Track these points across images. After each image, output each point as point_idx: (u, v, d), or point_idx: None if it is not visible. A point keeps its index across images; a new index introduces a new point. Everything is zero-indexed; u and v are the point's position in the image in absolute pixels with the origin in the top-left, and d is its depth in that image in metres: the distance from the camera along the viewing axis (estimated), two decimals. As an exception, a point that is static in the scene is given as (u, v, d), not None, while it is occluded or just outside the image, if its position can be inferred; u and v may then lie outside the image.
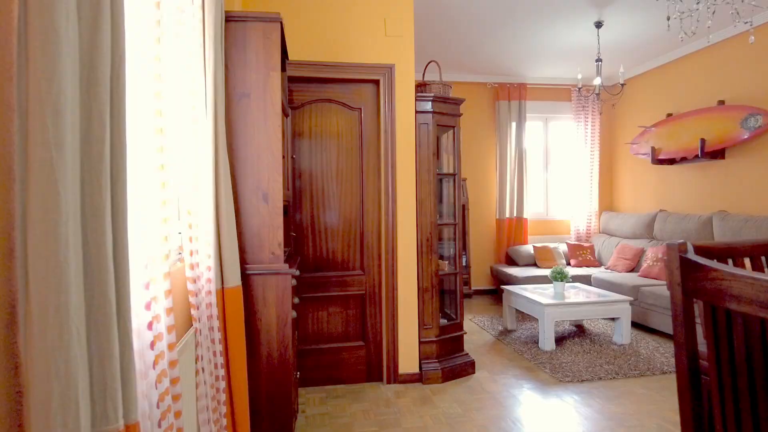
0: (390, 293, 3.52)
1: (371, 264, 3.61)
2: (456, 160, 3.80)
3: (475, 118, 6.88)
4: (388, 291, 3.52)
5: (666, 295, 4.52)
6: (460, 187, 3.82)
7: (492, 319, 5.42)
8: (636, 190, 6.68)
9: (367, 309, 3.60)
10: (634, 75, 6.53)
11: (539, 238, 7.02)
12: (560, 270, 4.65)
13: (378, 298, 3.61)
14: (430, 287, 3.61)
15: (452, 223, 3.85)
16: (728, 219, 4.92)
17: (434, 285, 3.62)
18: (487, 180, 6.95)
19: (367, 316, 3.60)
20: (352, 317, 3.59)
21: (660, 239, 5.86)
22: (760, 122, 4.65)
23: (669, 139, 5.76)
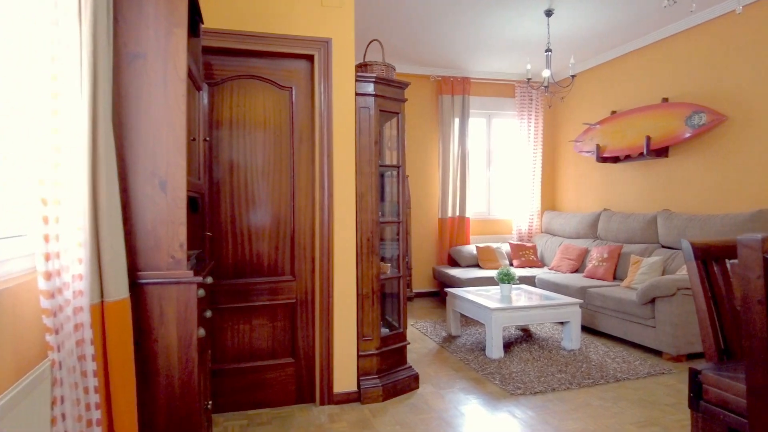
0: (325, 301, 3.06)
1: (303, 268, 3.13)
2: (400, 151, 3.40)
3: (418, 111, 6.55)
4: (323, 299, 3.06)
5: (615, 297, 4.36)
6: (405, 180, 3.42)
7: (435, 325, 5.08)
8: (579, 188, 6.60)
9: (298, 320, 3.12)
10: (580, 71, 6.44)
11: (482, 238, 6.80)
12: (507, 271, 4.38)
13: (311, 307, 3.14)
14: (370, 293, 3.18)
15: (396, 221, 3.45)
16: (672, 218, 4.86)
17: (375, 291, 3.20)
18: (430, 177, 6.64)
19: (298, 328, 3.12)
20: (280, 330, 3.10)
21: (604, 239, 5.77)
22: (703, 120, 4.60)
23: (614, 137, 5.68)
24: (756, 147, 4.29)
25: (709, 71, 4.70)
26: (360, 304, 3.16)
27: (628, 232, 5.37)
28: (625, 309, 4.24)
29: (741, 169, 4.42)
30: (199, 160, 2.58)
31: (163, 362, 1.92)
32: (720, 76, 4.60)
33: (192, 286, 1.92)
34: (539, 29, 5.04)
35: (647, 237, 5.15)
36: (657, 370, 3.65)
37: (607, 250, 5.32)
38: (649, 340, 4.05)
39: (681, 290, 3.83)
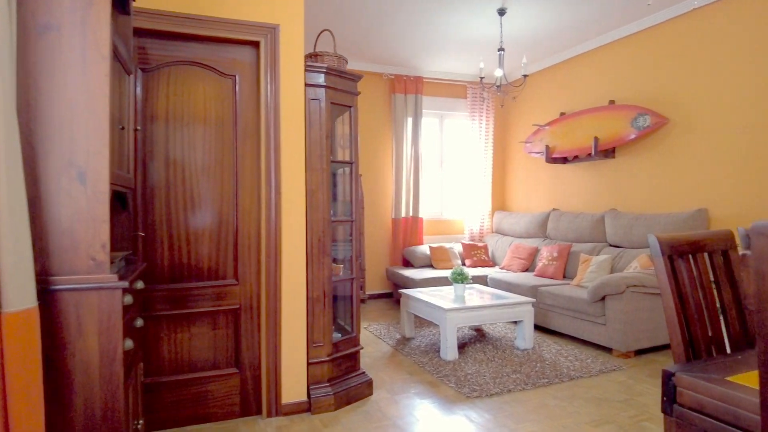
0: (272, 306, 2.86)
1: (248, 271, 2.91)
2: (353, 147, 3.24)
3: (371, 110, 6.42)
4: (270, 303, 2.86)
5: (566, 296, 4.38)
6: (358, 178, 3.27)
7: (389, 327, 4.95)
8: (529, 189, 6.68)
9: (243, 327, 2.90)
10: (530, 73, 6.51)
11: (435, 238, 6.75)
12: (460, 271, 4.32)
13: (257, 312, 2.93)
14: (321, 297, 3.01)
15: (348, 220, 3.29)
16: (619, 217, 4.96)
17: (327, 294, 3.03)
18: (383, 177, 6.52)
19: (243, 335, 2.90)
20: (222, 338, 2.87)
21: (553, 238, 5.84)
22: (648, 122, 4.72)
23: (562, 138, 5.77)
24: (696, 149, 4.43)
25: (653, 75, 4.83)
26: (310, 309, 2.98)
27: (576, 232, 5.45)
28: (577, 307, 4.27)
29: (682, 169, 4.56)
30: (129, 152, 2.33)
31: (81, 380, 1.67)
32: (662, 79, 4.74)
33: (116, 292, 1.69)
34: (492, 29, 5.03)
35: (595, 236, 5.24)
36: (608, 367, 3.67)
37: (557, 249, 5.37)
38: (600, 338, 4.08)
39: (630, 288, 3.89)
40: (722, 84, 4.21)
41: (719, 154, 4.24)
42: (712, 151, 4.30)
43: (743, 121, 4.06)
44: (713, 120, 4.29)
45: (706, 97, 4.34)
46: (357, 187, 3.22)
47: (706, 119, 4.35)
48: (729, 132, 4.17)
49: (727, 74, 4.18)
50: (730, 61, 4.15)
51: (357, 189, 3.23)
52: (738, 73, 4.10)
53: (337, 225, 3.37)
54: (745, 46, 4.05)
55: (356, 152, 3.25)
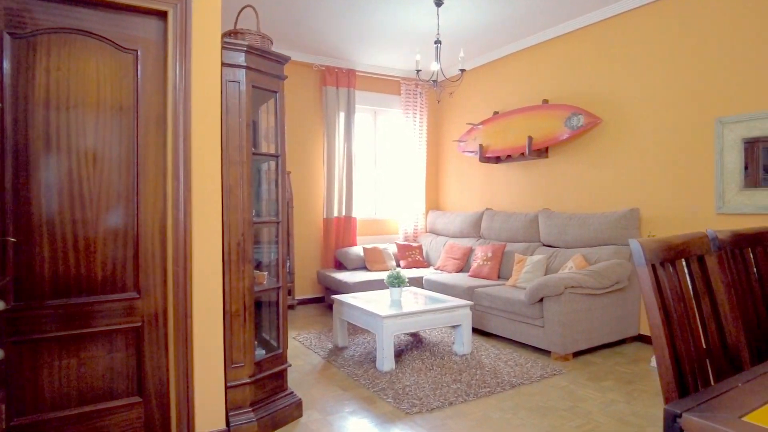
0: (181, 323, 2.44)
1: (152, 282, 2.47)
2: (279, 138, 2.88)
3: (300, 103, 6.03)
4: (179, 319, 2.43)
5: (503, 297, 4.26)
6: (285, 173, 2.90)
7: (320, 336, 4.61)
8: (462, 188, 6.58)
9: (147, 348, 2.45)
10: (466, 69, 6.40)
11: (369, 238, 6.47)
12: (397, 274, 4.07)
13: (163, 330, 2.49)
14: (242, 310, 2.62)
15: (274, 221, 2.92)
16: (553, 217, 4.93)
17: (248, 306, 2.65)
18: (314, 174, 6.15)
19: (147, 357, 2.45)
20: (121, 362, 2.41)
21: (487, 238, 5.76)
22: (582, 122, 4.72)
23: (496, 137, 5.69)
24: (628, 149, 4.47)
25: (587, 75, 4.84)
26: (228, 324, 2.58)
27: (510, 231, 5.39)
28: (514, 309, 4.15)
29: (615, 170, 4.59)
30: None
31: None
32: (596, 80, 4.75)
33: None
34: (428, 21, 4.83)
35: (529, 236, 5.20)
36: (548, 371, 3.57)
37: (491, 249, 5.28)
38: (538, 340, 3.99)
39: (569, 289, 3.81)
40: (653, 85, 4.26)
41: (650, 155, 4.29)
42: (643, 151, 4.35)
43: (672, 122, 4.13)
44: (644, 121, 4.34)
45: (638, 98, 4.39)
46: (284, 184, 2.86)
47: (637, 120, 4.40)
48: (659, 133, 4.22)
49: (657, 76, 4.23)
50: (661, 63, 4.21)
51: (284, 186, 2.86)
52: (667, 75, 4.16)
53: (260, 227, 2.99)
54: (673, 49, 4.11)
55: (283, 144, 2.88)
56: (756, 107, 3.62)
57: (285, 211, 2.88)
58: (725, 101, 3.79)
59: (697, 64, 3.95)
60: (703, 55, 3.92)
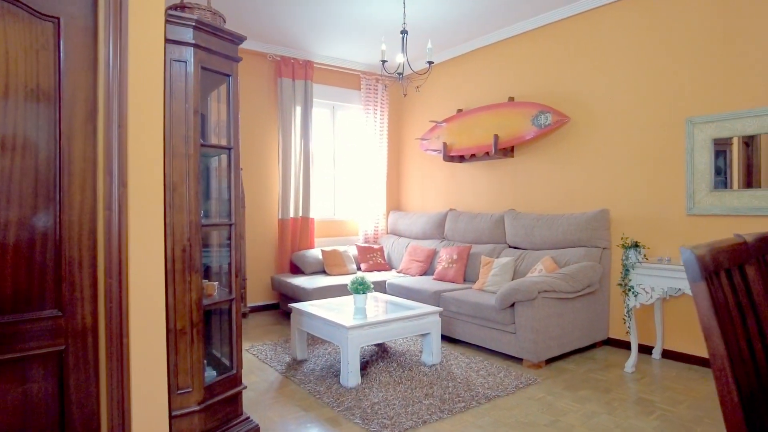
0: (116, 344, 2.05)
1: (79, 297, 2.06)
2: (232, 127, 2.52)
3: (254, 95, 5.62)
4: (113, 341, 2.04)
5: (472, 302, 4.06)
6: (238, 168, 2.55)
7: (276, 347, 4.25)
8: (425, 188, 6.36)
9: (72, 376, 2.05)
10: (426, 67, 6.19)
11: (327, 240, 6.14)
12: (362, 280, 3.78)
13: (93, 354, 2.09)
14: (189, 327, 2.26)
15: (226, 222, 2.56)
16: (519, 218, 4.78)
17: (196, 322, 2.28)
18: (268, 172, 5.76)
19: (72, 388, 2.05)
20: (39, 396, 1.99)
21: (451, 239, 5.56)
22: (549, 120, 4.59)
23: (460, 136, 5.50)
24: (597, 149, 4.38)
25: (554, 72, 4.72)
26: (173, 344, 2.22)
27: (475, 233, 5.21)
28: (484, 315, 3.95)
29: (584, 170, 4.49)
30: None
31: None
32: (564, 77, 4.64)
33: None
34: (390, 11, 4.57)
35: (495, 237, 5.04)
36: (523, 381, 3.38)
37: (456, 251, 5.08)
38: (510, 347, 3.80)
39: (542, 293, 3.65)
40: (622, 83, 4.18)
41: (620, 155, 4.21)
42: (612, 151, 4.26)
43: (642, 121, 4.05)
44: (614, 120, 4.25)
45: (607, 96, 4.30)
46: (237, 181, 2.51)
47: (606, 119, 4.31)
48: (629, 132, 4.14)
49: (626, 74, 4.15)
50: (630, 61, 4.13)
51: (238, 183, 2.51)
52: (637, 73, 4.09)
53: (210, 230, 2.62)
54: (642, 47, 4.04)
55: (236, 135, 2.53)
56: (726, 107, 3.58)
57: (239, 211, 2.53)
58: (695, 101, 3.74)
59: (666, 62, 3.89)
60: (672, 54, 3.86)
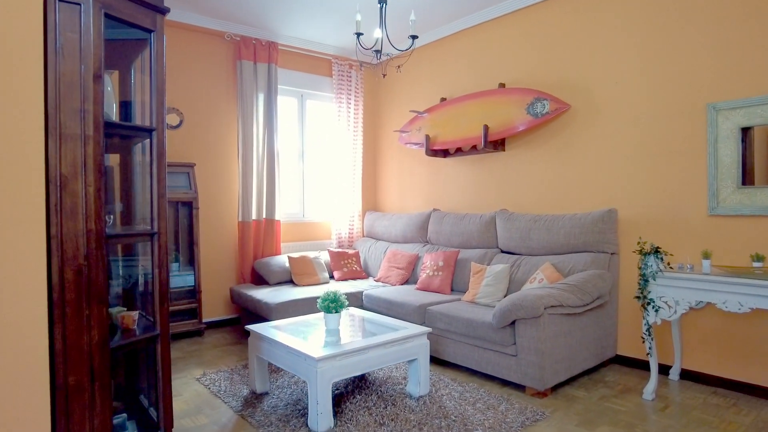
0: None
1: None
2: (155, 102, 1.86)
3: (209, 80, 4.91)
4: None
5: (464, 318, 3.47)
6: (163, 157, 1.88)
7: (233, 375, 3.57)
8: (405, 186, 5.76)
9: None
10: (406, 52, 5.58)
11: (296, 245, 5.47)
12: (334, 296, 3.14)
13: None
14: (87, 381, 1.59)
15: (146, 231, 1.89)
16: (514, 219, 4.22)
17: (99, 373, 1.61)
18: (226, 168, 5.05)
19: None
20: None
21: (435, 243, 4.97)
22: (546, 108, 4.04)
23: (444, 127, 4.92)
24: (602, 140, 3.85)
25: (551, 54, 4.18)
26: (63, 405, 1.54)
27: (463, 236, 4.63)
28: (478, 333, 3.37)
29: (586, 164, 3.96)
30: None
31: None
32: (562, 59, 4.10)
33: None
34: (367, -21, 3.94)
35: (485, 241, 4.47)
36: (529, 415, 2.80)
37: (442, 256, 4.49)
38: (510, 372, 3.23)
39: (548, 309, 3.08)
40: (632, 65, 3.66)
41: (629, 147, 3.68)
42: (620, 142, 3.74)
43: (655, 108, 3.54)
44: (621, 107, 3.73)
45: (614, 80, 3.77)
46: (161, 175, 1.84)
47: (613, 106, 3.78)
48: (639, 121, 3.62)
49: (637, 54, 3.63)
50: (641, 39, 3.60)
51: (161, 178, 1.85)
52: (649, 53, 3.57)
53: (120, 241, 1.95)
54: (655, 23, 3.52)
55: (160, 112, 1.86)
56: (757, 91, 3.08)
57: (163, 216, 1.86)
58: (719, 84, 3.24)
59: (684, 39, 3.38)
60: (691, 29, 3.34)
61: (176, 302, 4.56)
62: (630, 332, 3.68)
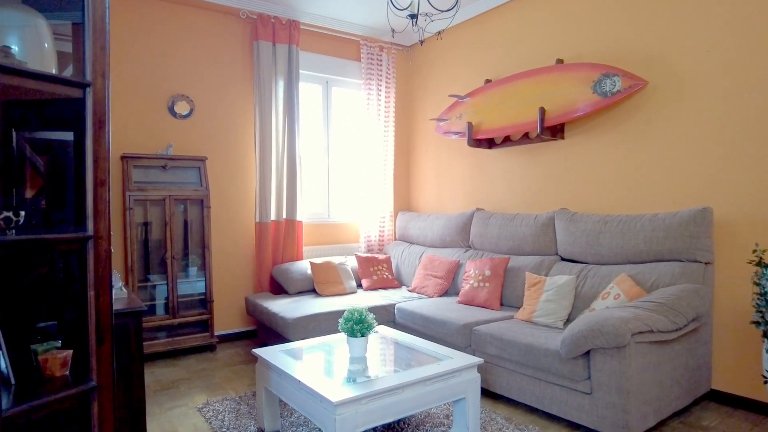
0: None
1: None
2: (93, 45, 1.26)
3: (221, 65, 4.38)
4: None
5: (522, 344, 2.80)
6: (104, 128, 1.29)
7: (240, 404, 2.99)
8: (443, 182, 5.09)
9: None
10: (445, 29, 4.92)
11: (319, 249, 4.89)
12: (360, 315, 2.52)
13: None
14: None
15: (77, 237, 1.29)
16: (578, 220, 3.50)
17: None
18: (242, 163, 4.51)
19: None
20: None
21: (479, 248, 4.29)
22: (618, 86, 3.32)
23: (490, 113, 4.24)
24: (689, 123, 3.10)
25: (621, 22, 3.45)
26: None
27: (513, 240, 3.94)
28: (540, 363, 2.69)
29: (670, 152, 3.21)
30: None
31: None
32: (636, 27, 3.36)
33: None
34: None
35: (541, 246, 3.76)
36: (616, 482, 2.11)
37: (489, 264, 3.82)
38: (581, 414, 2.54)
39: (636, 336, 2.38)
40: (725, 29, 2.90)
41: (722, 131, 2.93)
42: (711, 126, 2.98)
43: (756, 82, 2.77)
44: (713, 83, 2.97)
45: (703, 48, 3.01)
46: (100, 151, 1.25)
47: (702, 82, 3.03)
48: (736, 99, 2.86)
49: (732, 17, 2.87)
50: (746, -9, 2.85)
51: (100, 155, 1.26)
52: (749, 15, 2.80)
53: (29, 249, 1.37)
54: (769, -32, 2.76)
55: (100, 62, 1.27)
56: None
57: (103, 213, 1.27)
58: None
59: (812, -12, 2.61)
60: (823, -26, 2.57)
61: (185, 313, 4.05)
62: (728, 362, 2.92)
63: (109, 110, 1.24)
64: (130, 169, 3.87)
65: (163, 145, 4.12)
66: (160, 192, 3.93)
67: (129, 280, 3.82)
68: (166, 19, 4.10)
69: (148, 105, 4.06)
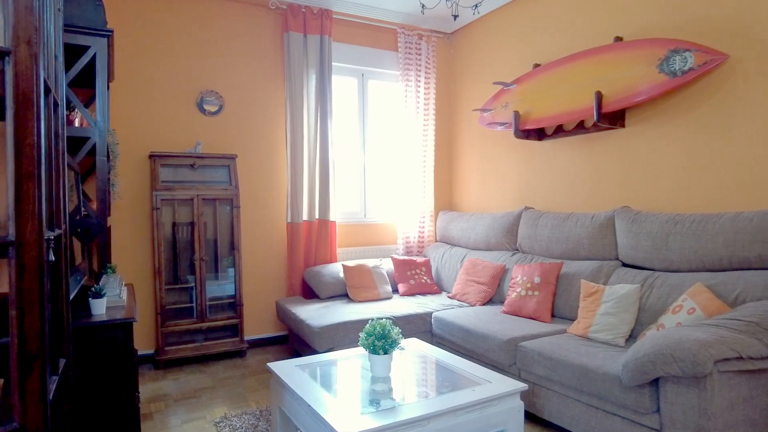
0: None
1: None
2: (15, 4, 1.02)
3: (250, 59, 4.20)
4: None
5: (576, 365, 2.40)
6: (30, 103, 1.04)
7: (259, 421, 2.76)
8: (488, 179, 4.69)
9: None
10: (488, 12, 4.53)
11: (354, 251, 4.62)
12: (383, 330, 2.20)
13: None
14: None
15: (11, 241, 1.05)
16: (643, 220, 3.04)
17: None
18: (272, 161, 4.31)
19: None
20: None
21: (528, 252, 3.87)
22: (690, 63, 2.83)
23: (540, 101, 3.82)
24: (785, 100, 2.58)
25: (697, -16, 2.95)
26: None
27: (567, 243, 3.50)
28: (597, 389, 2.28)
29: (757, 141, 2.70)
30: None
31: None
32: (715, -10, 2.86)
33: None
34: None
35: (599, 250, 3.31)
36: None
37: (539, 270, 3.41)
38: (649, 454, 2.11)
39: (720, 363, 1.93)
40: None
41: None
42: (820, 102, 2.46)
43: None
44: (821, 48, 2.45)
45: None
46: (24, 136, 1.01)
47: (804, 49, 2.51)
48: None
49: None
50: None
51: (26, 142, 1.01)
52: None
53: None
54: None
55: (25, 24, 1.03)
56: None
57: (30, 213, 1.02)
58: None
59: None
60: None
61: (214, 317, 3.89)
62: (841, 394, 2.38)
63: (40, 84, 1.00)
64: (158, 168, 3.74)
65: (191, 143, 3.98)
66: (188, 191, 3.78)
67: (156, 282, 3.70)
68: (193, 12, 3.96)
69: (176, 101, 3.93)
